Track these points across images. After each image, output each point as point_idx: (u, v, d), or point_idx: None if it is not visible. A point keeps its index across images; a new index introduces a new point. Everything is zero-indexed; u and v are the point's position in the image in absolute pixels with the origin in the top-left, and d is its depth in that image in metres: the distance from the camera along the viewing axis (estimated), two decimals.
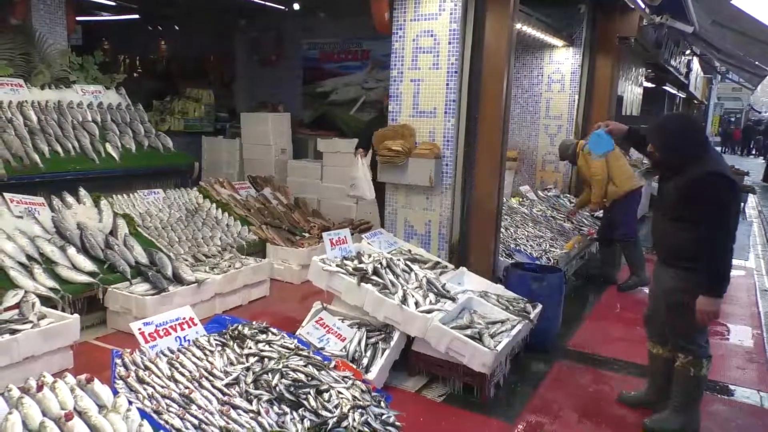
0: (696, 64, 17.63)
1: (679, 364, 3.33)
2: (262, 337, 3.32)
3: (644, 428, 3.46)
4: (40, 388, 2.33)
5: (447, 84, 4.61)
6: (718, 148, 32.41)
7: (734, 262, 7.77)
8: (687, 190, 3.09)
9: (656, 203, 3.56)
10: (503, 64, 4.57)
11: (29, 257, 4.31)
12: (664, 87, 16.32)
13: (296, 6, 9.85)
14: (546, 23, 6.79)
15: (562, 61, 7.83)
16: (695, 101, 23.17)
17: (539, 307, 4.23)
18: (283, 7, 10.01)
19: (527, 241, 5.80)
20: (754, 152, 31.02)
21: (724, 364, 4.52)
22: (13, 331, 3.43)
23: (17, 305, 3.75)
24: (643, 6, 6.93)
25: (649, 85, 14.40)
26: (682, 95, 20.42)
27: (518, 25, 5.62)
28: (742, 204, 12.65)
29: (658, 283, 3.46)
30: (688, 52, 13.91)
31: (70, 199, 5.12)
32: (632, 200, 6.05)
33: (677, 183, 3.15)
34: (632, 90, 11.30)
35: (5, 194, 4.72)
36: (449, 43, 4.55)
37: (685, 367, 3.31)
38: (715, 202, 3.04)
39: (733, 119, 40.78)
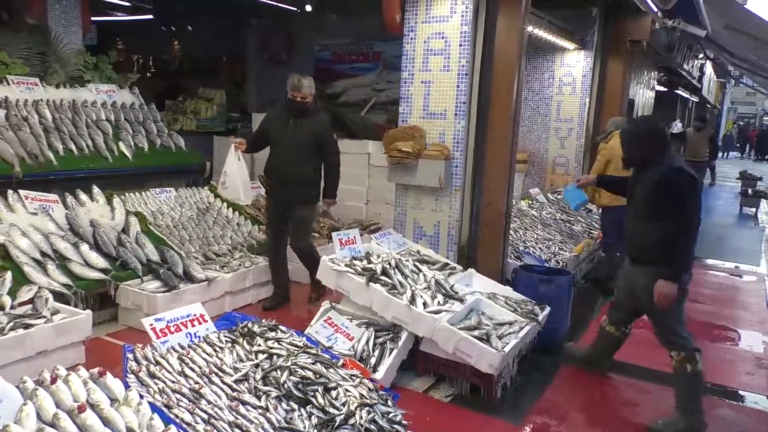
0: (709, 68, 17.50)
1: (676, 365, 3.47)
2: (272, 334, 3.35)
3: (649, 431, 3.46)
4: (53, 380, 2.37)
5: (457, 86, 4.63)
6: (735, 154, 32.32)
7: (745, 267, 7.79)
8: (653, 187, 3.37)
9: (628, 206, 3.73)
10: (514, 67, 4.58)
11: (43, 253, 4.37)
12: (677, 91, 16.21)
13: (308, 7, 9.90)
14: (557, 26, 6.79)
15: (574, 64, 7.82)
16: (708, 105, 23.01)
17: (547, 309, 4.23)
18: (295, 8, 10.06)
19: (536, 243, 5.80)
20: (767, 157, 30.74)
21: (734, 370, 4.50)
22: (27, 326, 3.49)
23: (31, 300, 3.81)
24: (655, 9, 6.91)
25: (662, 88, 14.30)
26: (695, 99, 20.27)
27: (529, 28, 5.62)
28: (754, 209, 12.57)
29: (630, 280, 3.67)
30: (701, 55, 13.82)
31: (83, 196, 5.19)
32: (617, 212, 5.80)
33: (643, 181, 3.46)
34: (644, 94, 11.23)
35: (20, 191, 4.79)
36: (460, 45, 4.57)
37: (682, 365, 3.44)
38: (677, 193, 3.32)
39: (743, 123, 40.42)
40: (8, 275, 3.98)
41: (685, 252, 3.35)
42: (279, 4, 9.77)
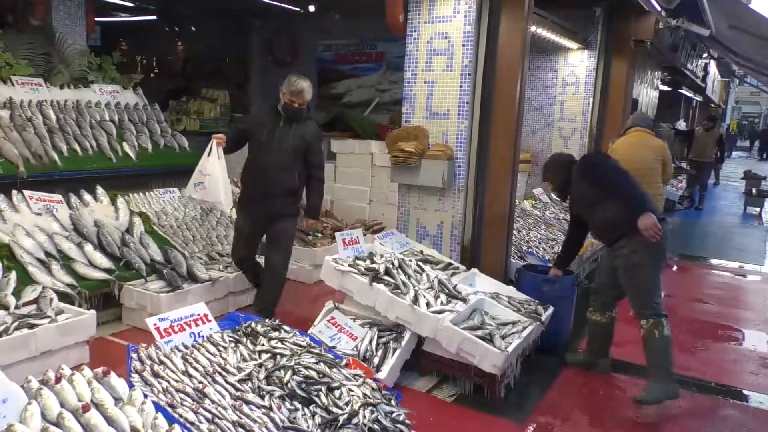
0: (713, 68, 17.45)
1: (644, 332, 3.74)
2: (275, 334, 3.35)
3: (637, 401, 3.71)
4: (58, 380, 2.38)
5: (461, 86, 4.62)
6: (739, 153, 32.15)
7: (749, 267, 7.77)
8: (579, 177, 3.98)
9: (576, 212, 4.23)
10: (517, 67, 4.58)
11: (47, 253, 4.38)
12: (681, 90, 16.17)
13: (311, 8, 9.91)
14: (561, 26, 6.77)
15: (577, 64, 7.80)
16: (712, 105, 22.93)
17: (550, 309, 4.23)
18: (298, 9, 10.08)
19: (539, 243, 5.79)
20: None
21: (738, 369, 4.49)
22: (32, 326, 3.50)
23: (35, 300, 3.83)
24: (659, 9, 6.89)
25: (665, 88, 14.26)
26: (699, 99, 20.22)
27: (533, 28, 5.62)
28: (759, 209, 12.53)
29: (609, 264, 4.01)
30: (705, 55, 13.78)
31: (87, 197, 5.20)
32: None
33: (576, 183, 4.02)
34: (648, 93, 11.21)
35: (25, 191, 4.80)
36: (463, 45, 4.56)
37: (651, 333, 3.70)
38: (595, 166, 4.06)
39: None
40: (13, 275, 4.00)
41: (635, 197, 3.79)
42: (283, 5, 9.78)
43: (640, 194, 3.84)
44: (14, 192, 4.76)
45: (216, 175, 4.28)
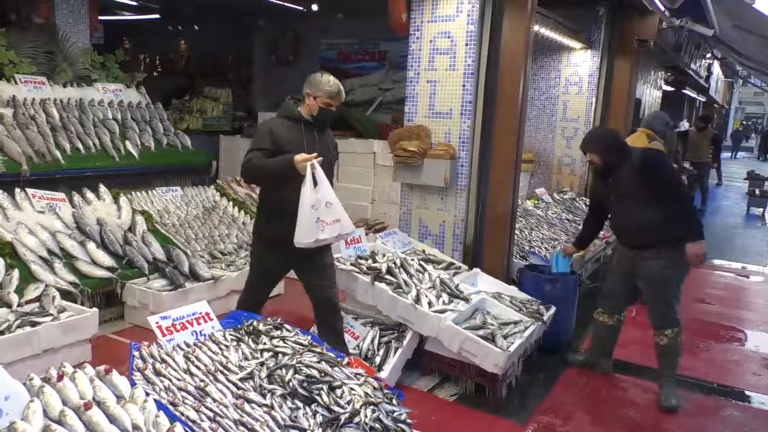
0: (717, 68, 17.42)
1: (667, 341, 3.76)
2: (277, 333, 3.34)
3: (662, 407, 3.73)
4: (60, 378, 2.38)
5: (463, 85, 4.62)
6: (743, 154, 32.02)
7: (752, 267, 7.74)
8: (641, 172, 3.65)
9: (615, 199, 3.89)
10: (520, 66, 4.57)
11: (50, 252, 4.39)
12: (684, 91, 16.12)
13: (314, 7, 9.91)
14: (564, 25, 6.76)
15: (580, 64, 7.79)
16: (716, 105, 22.89)
17: (552, 309, 4.23)
18: (301, 8, 10.08)
19: (542, 243, 5.78)
20: None
21: (740, 370, 4.48)
22: (34, 324, 3.51)
23: (38, 298, 3.83)
24: (662, 9, 6.88)
25: (669, 88, 14.23)
26: (702, 99, 20.17)
27: (536, 27, 5.61)
28: (762, 209, 12.50)
29: (628, 270, 3.86)
30: (708, 55, 13.74)
31: (90, 195, 5.21)
32: None
33: (627, 172, 3.71)
34: (651, 93, 11.18)
35: (27, 190, 4.81)
36: (466, 44, 4.56)
37: (674, 340, 3.75)
38: (664, 168, 3.78)
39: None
40: (15, 273, 4.01)
41: (695, 213, 3.68)
42: (286, 4, 9.79)
43: (699, 215, 3.75)
44: (17, 190, 4.77)
45: (336, 200, 3.40)
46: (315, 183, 3.17)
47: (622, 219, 3.89)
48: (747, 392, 4.09)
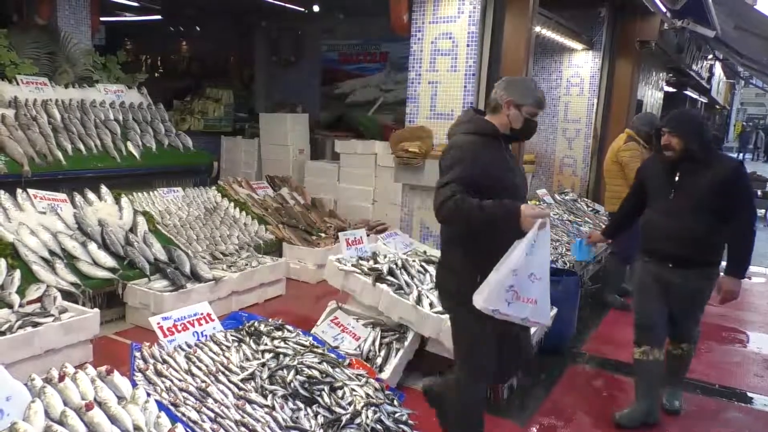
0: (718, 69, 17.39)
1: (683, 353, 3.59)
2: (278, 334, 3.35)
3: (664, 409, 3.65)
4: (61, 378, 2.38)
5: (465, 86, 4.62)
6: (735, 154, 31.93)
7: (754, 269, 7.74)
8: (726, 185, 3.14)
9: (671, 204, 3.29)
10: (521, 67, 4.57)
11: (51, 252, 4.39)
12: (685, 92, 16.12)
13: (316, 8, 9.92)
14: (565, 26, 6.76)
15: (582, 65, 7.79)
16: (717, 106, 22.87)
17: (554, 310, 4.21)
18: (302, 9, 10.09)
19: None
20: None
21: (742, 372, 4.47)
22: (36, 324, 3.51)
23: (39, 299, 3.83)
24: (664, 10, 6.88)
25: (670, 89, 14.23)
26: (704, 100, 20.16)
27: (537, 28, 5.61)
28: (764, 210, 12.48)
29: (659, 288, 3.39)
30: (710, 56, 13.73)
31: (91, 196, 5.21)
32: None
33: (709, 177, 3.16)
34: (652, 94, 11.17)
35: (29, 190, 4.82)
36: (467, 45, 4.56)
37: (688, 353, 3.61)
38: (749, 191, 3.30)
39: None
40: (17, 274, 4.01)
41: (752, 248, 3.28)
42: (287, 5, 9.80)
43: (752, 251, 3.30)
44: (19, 191, 4.78)
45: (546, 278, 2.54)
46: (532, 246, 2.45)
47: (670, 221, 3.27)
48: (749, 394, 4.08)
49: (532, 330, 3.81)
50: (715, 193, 3.15)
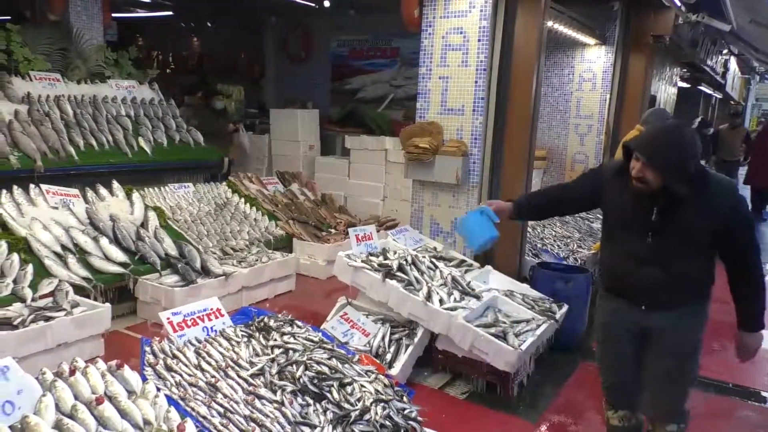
0: (733, 64, 17.17)
1: None
2: (287, 329, 3.35)
3: None
4: (72, 372, 2.40)
5: (476, 82, 4.59)
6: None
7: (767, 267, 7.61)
8: (721, 217, 2.40)
9: (652, 247, 2.52)
10: (533, 62, 4.53)
11: (64, 247, 4.42)
12: (700, 87, 15.94)
13: (326, 3, 9.91)
14: (578, 21, 6.69)
15: (594, 60, 7.71)
16: (732, 102, 22.60)
17: (565, 307, 4.19)
18: (312, 4, 10.08)
19: (554, 241, 5.74)
20: None
21: (755, 370, 4.42)
22: (48, 318, 3.54)
23: (52, 293, 3.86)
24: (678, 4, 6.79)
25: (684, 85, 14.06)
26: (719, 96, 19.92)
27: (549, 23, 5.55)
28: None
29: (632, 336, 2.67)
30: (725, 51, 13.56)
31: (103, 191, 5.24)
32: None
33: (697, 210, 2.41)
34: (666, 90, 11.06)
35: (42, 185, 4.84)
36: (479, 40, 4.53)
37: None
38: (750, 222, 2.52)
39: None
40: (29, 268, 4.04)
41: (765, 294, 2.60)
42: (297, 1, 9.79)
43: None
44: (32, 186, 4.80)
45: None
46: None
47: (649, 270, 2.52)
48: (763, 393, 4.03)
49: (543, 327, 3.81)
50: (708, 230, 2.44)
